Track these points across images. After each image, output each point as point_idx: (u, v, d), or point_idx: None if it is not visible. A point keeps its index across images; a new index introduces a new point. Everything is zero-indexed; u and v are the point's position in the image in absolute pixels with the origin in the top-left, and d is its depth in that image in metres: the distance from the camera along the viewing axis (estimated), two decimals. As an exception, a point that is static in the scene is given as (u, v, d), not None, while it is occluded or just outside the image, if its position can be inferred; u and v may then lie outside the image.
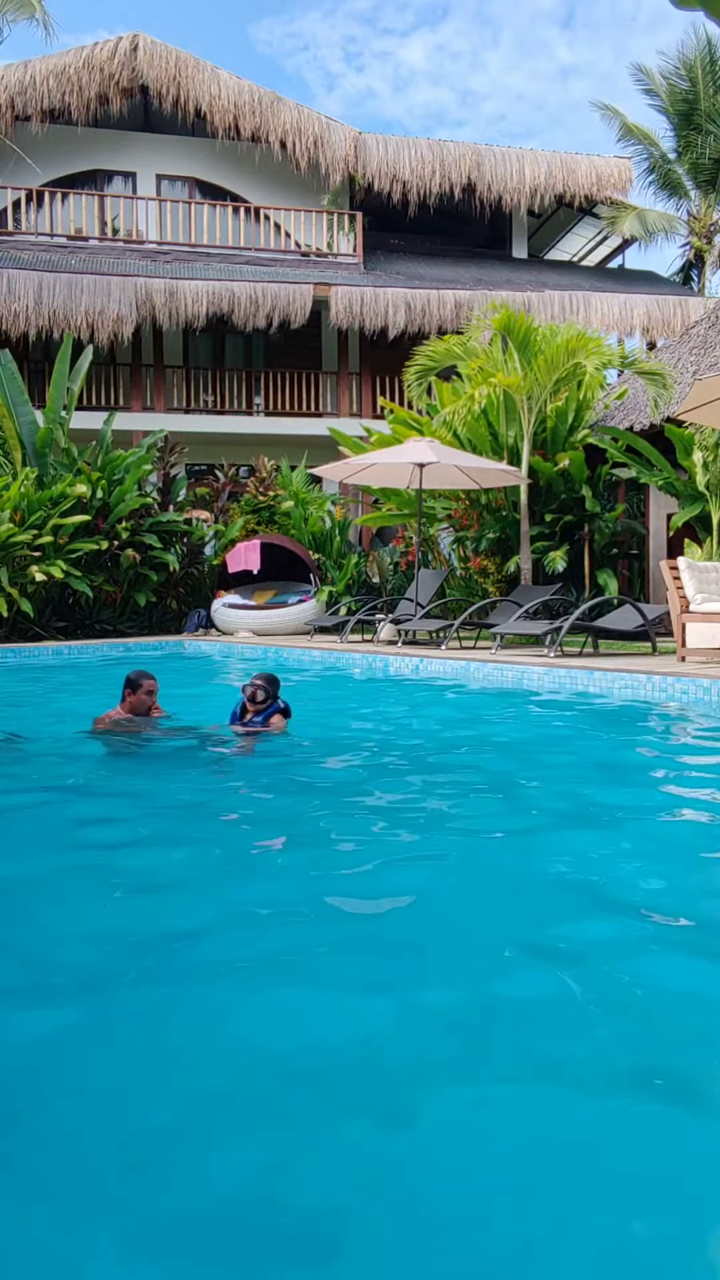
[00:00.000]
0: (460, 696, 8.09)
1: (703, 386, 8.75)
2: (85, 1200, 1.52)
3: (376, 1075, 1.90)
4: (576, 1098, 1.82)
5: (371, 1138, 1.69)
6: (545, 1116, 1.75)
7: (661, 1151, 1.65)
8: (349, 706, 7.93)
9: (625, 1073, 1.91)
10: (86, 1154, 1.63)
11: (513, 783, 4.52)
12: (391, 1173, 1.60)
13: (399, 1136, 1.70)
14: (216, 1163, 1.61)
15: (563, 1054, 1.98)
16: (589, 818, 3.99)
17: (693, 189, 23.02)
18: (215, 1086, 1.86)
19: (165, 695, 5.85)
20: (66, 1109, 1.78)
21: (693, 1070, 1.93)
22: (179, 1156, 1.63)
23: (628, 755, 5.54)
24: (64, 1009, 2.18)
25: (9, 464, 13.97)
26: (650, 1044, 2.04)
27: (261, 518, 15.64)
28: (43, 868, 3.31)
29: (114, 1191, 1.54)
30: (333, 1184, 1.56)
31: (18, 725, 6.41)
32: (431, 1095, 1.83)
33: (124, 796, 4.38)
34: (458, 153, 20.57)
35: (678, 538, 13.65)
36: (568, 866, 3.32)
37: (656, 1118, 1.75)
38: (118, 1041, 2.05)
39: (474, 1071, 1.93)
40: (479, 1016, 2.16)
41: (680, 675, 7.47)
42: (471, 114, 76.74)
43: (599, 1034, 2.07)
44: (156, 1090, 1.85)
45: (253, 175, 21.18)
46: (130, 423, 18.41)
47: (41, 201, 20.10)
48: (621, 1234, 1.44)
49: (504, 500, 13.92)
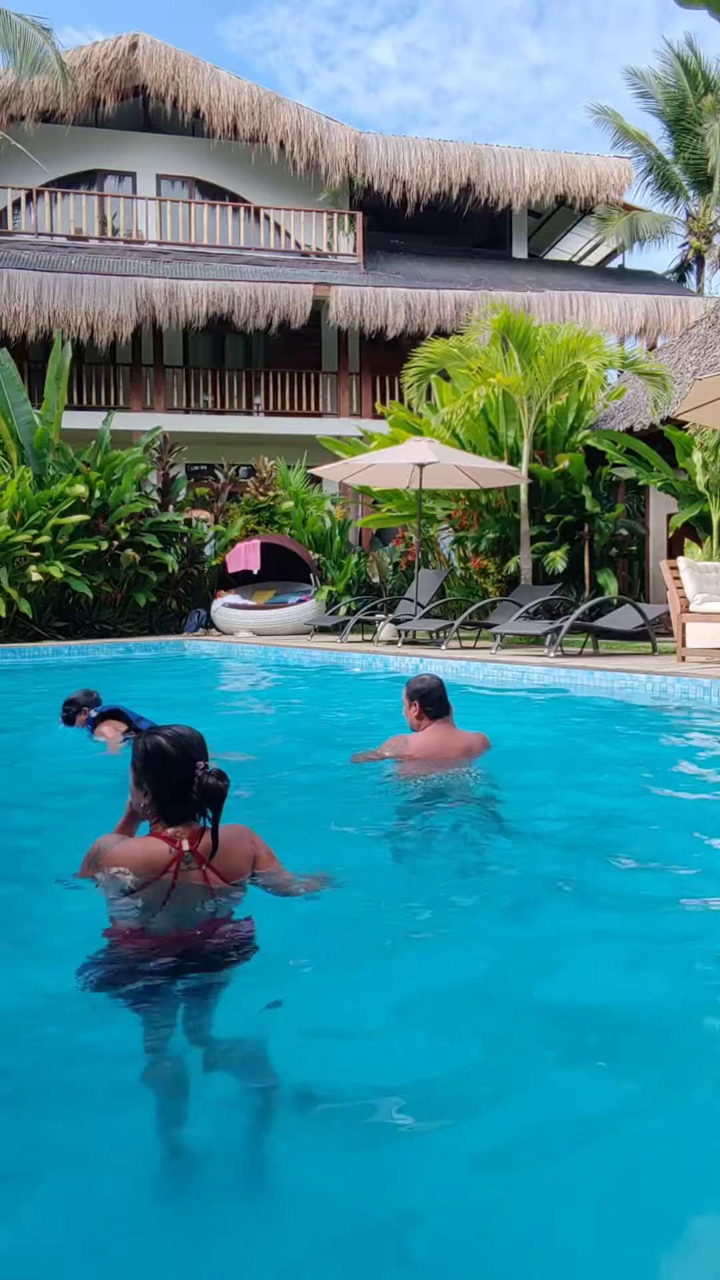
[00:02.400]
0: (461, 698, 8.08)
1: (703, 386, 8.75)
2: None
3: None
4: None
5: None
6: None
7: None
8: (348, 706, 7.92)
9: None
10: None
11: (512, 783, 4.52)
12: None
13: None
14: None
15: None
16: (589, 818, 3.99)
17: (691, 189, 23.02)
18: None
19: (165, 695, 5.79)
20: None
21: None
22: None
23: (627, 755, 5.54)
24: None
25: (7, 463, 13.96)
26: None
27: (261, 518, 15.63)
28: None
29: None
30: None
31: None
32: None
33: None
34: (457, 153, 20.57)
35: (678, 538, 13.65)
36: (565, 866, 3.32)
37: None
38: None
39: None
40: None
41: (680, 675, 7.47)
42: (444, 113, 76.57)
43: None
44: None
45: (253, 175, 21.18)
46: (130, 423, 18.40)
47: (41, 201, 20.10)
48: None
49: (504, 500, 13.92)
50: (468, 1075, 1.95)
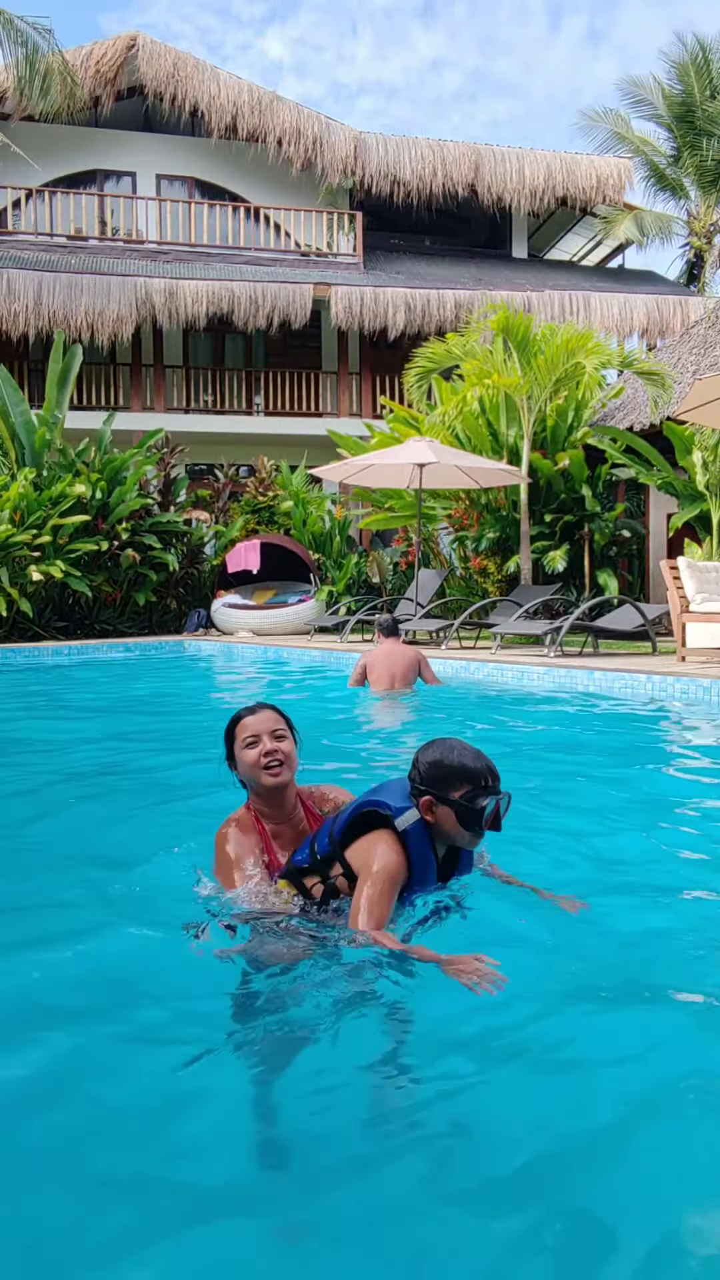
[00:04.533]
0: (454, 698, 8.08)
1: (703, 386, 8.75)
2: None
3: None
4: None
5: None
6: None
7: None
8: (348, 705, 7.91)
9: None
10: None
11: (512, 783, 4.51)
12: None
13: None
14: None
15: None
16: (588, 817, 3.98)
17: (693, 189, 23.00)
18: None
19: (165, 695, 5.71)
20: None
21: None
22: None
23: (627, 755, 5.53)
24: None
25: (6, 463, 13.97)
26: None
27: (261, 518, 15.64)
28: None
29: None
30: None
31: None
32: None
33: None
34: (458, 153, 20.57)
35: (678, 538, 13.65)
36: (563, 866, 3.32)
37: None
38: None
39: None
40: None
41: (680, 675, 7.47)
42: (345, 110, 75.83)
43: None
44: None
45: (252, 175, 21.18)
46: (130, 423, 18.40)
47: (41, 201, 20.10)
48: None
49: (504, 500, 13.92)
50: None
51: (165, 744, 5.84)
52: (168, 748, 5.67)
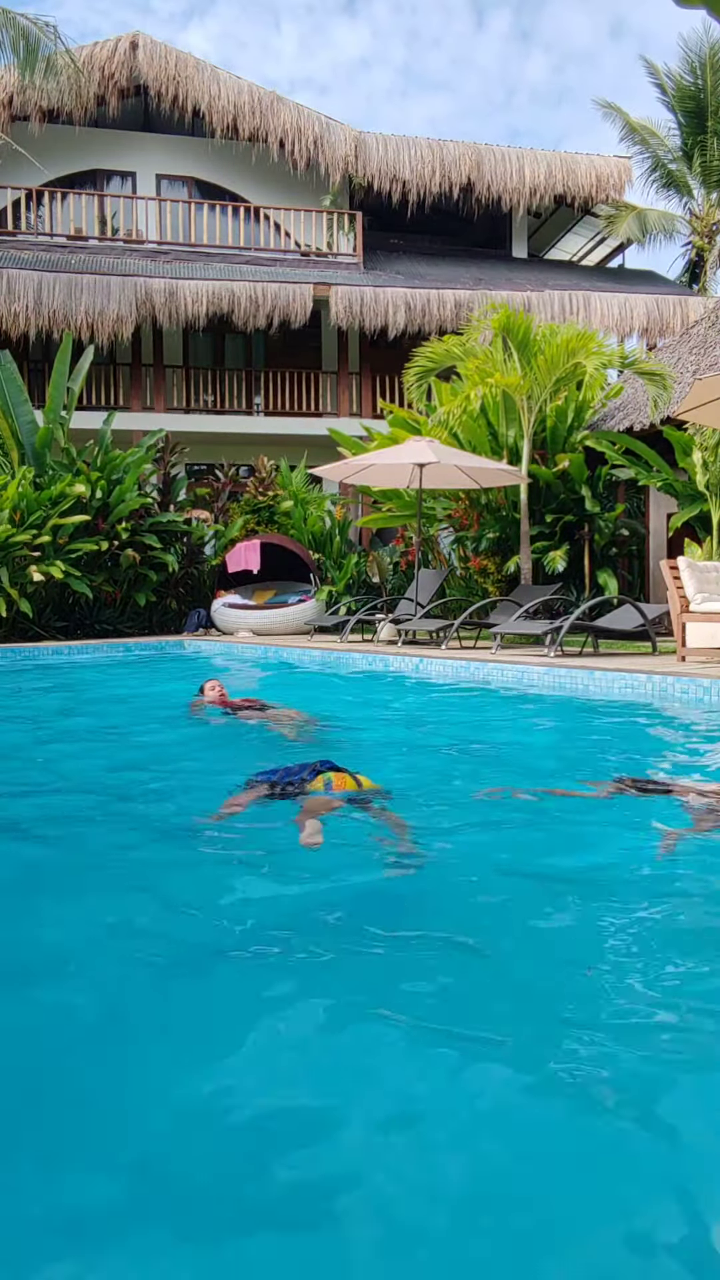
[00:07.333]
0: (466, 697, 8.09)
1: (703, 386, 8.75)
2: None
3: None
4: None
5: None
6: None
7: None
8: (347, 705, 7.92)
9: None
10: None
11: (511, 782, 4.52)
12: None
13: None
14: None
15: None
16: (587, 817, 3.99)
17: (697, 187, 22.96)
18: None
19: (165, 695, 5.81)
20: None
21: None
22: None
23: (626, 755, 5.54)
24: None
25: (7, 463, 13.97)
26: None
27: (261, 518, 15.64)
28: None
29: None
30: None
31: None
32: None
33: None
34: (457, 152, 20.57)
35: (678, 538, 13.65)
36: (562, 866, 3.32)
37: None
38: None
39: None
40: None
41: (680, 675, 7.47)
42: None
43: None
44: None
45: (252, 175, 21.19)
46: (130, 423, 18.41)
47: (41, 201, 20.10)
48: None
49: (504, 500, 13.92)
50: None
51: (165, 743, 5.84)
52: (168, 748, 5.68)
